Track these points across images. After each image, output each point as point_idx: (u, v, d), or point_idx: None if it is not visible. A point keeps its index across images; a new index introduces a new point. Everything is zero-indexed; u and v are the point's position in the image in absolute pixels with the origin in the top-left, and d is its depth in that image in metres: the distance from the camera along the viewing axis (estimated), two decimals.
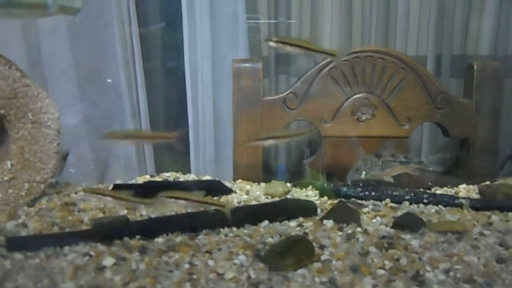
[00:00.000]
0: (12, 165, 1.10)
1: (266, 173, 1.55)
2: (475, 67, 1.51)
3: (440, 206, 1.23)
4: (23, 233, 1.00)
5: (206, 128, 1.74)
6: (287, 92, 1.50)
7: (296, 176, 1.57)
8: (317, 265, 0.90)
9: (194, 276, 0.84)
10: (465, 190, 1.43)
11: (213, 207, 0.97)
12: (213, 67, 1.72)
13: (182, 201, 0.93)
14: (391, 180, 1.31)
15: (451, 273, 0.87)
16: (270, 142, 1.12)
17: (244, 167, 1.50)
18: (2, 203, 1.09)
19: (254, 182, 1.48)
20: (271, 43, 0.99)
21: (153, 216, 1.12)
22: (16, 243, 0.91)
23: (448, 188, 1.45)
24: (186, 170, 1.63)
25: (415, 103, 1.50)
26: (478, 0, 1.74)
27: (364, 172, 1.30)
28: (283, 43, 0.99)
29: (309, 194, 1.38)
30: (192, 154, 1.73)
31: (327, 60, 1.48)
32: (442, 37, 1.79)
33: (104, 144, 0.96)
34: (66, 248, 0.93)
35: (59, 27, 1.52)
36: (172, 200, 0.92)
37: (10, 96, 1.08)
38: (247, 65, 1.51)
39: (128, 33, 1.61)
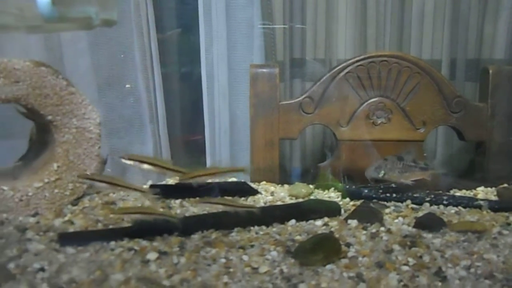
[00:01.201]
0: (58, 166, 1.19)
1: (282, 176, 1.59)
2: (490, 71, 1.54)
3: (459, 207, 1.28)
4: (71, 229, 1.08)
5: (222, 132, 1.80)
6: (303, 96, 1.55)
7: (312, 179, 1.60)
8: (344, 261, 0.96)
9: (231, 270, 0.91)
10: (483, 193, 1.47)
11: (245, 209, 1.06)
12: (229, 71, 1.77)
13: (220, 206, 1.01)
14: (410, 183, 1.33)
15: (472, 270, 0.92)
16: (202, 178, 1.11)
17: (261, 170, 1.55)
18: (49, 202, 1.18)
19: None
20: (124, 161, 1.00)
21: (187, 214, 1.20)
22: (67, 238, 1.00)
23: (467, 190, 1.49)
24: None
25: (430, 107, 1.54)
26: (493, 4, 1.76)
27: (383, 172, 1.33)
28: (138, 161, 1.02)
29: (332, 195, 1.44)
30: (208, 158, 1.78)
31: (343, 64, 1.53)
32: (456, 41, 1.81)
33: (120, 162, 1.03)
34: (112, 243, 1.01)
35: (80, 33, 1.58)
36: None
37: (57, 103, 1.17)
38: (264, 70, 1.55)
39: (146, 39, 1.68)
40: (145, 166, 1.02)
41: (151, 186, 1.32)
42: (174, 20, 1.87)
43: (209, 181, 1.51)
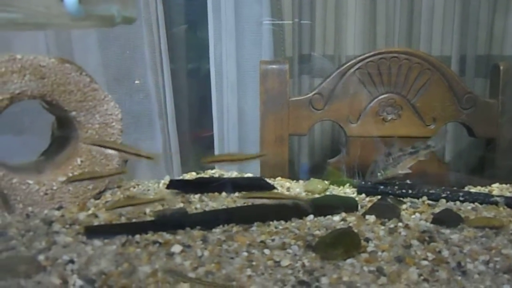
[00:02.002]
0: (81, 161, 1.22)
1: (291, 172, 1.60)
2: (501, 67, 1.54)
3: (476, 203, 1.29)
4: (95, 222, 1.11)
5: (231, 128, 1.81)
6: (313, 92, 1.55)
7: (321, 176, 1.59)
8: (364, 255, 0.98)
9: (254, 263, 0.94)
10: (498, 189, 1.48)
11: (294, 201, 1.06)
12: (238, 68, 1.78)
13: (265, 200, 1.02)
14: (408, 171, 1.33)
15: (491, 265, 0.94)
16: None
17: (271, 166, 1.56)
18: (73, 196, 1.21)
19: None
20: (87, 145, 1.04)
21: (207, 209, 1.22)
22: (93, 231, 1.03)
23: (481, 187, 1.50)
24: (211, 169, 1.69)
25: (440, 103, 1.54)
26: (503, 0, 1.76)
27: (379, 174, 1.34)
28: (101, 146, 1.04)
29: (347, 191, 1.45)
30: (216, 153, 1.79)
31: (353, 60, 1.53)
32: (466, 37, 1.81)
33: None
34: (137, 236, 1.04)
35: (89, 30, 1.61)
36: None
37: (80, 99, 1.19)
38: (274, 66, 1.56)
39: (156, 35, 1.70)
40: (109, 151, 1.03)
41: (171, 182, 1.35)
42: (183, 17, 1.88)
43: (226, 175, 1.56)
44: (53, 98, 1.17)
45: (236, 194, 1.34)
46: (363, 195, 1.38)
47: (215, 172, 1.63)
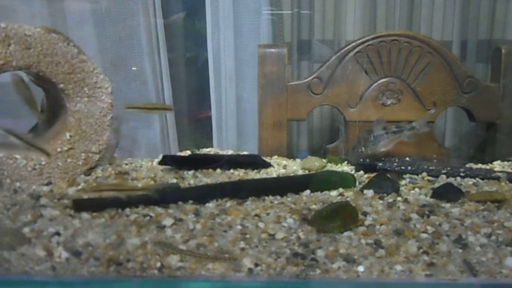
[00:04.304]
0: (70, 136, 1.18)
1: (289, 157, 1.56)
2: (503, 50, 1.51)
3: (477, 179, 1.26)
4: (85, 197, 1.07)
5: (229, 114, 1.78)
6: (312, 77, 1.52)
7: None
8: (361, 228, 0.95)
9: (247, 236, 0.90)
10: (500, 166, 1.44)
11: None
12: (236, 55, 1.75)
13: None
14: (386, 150, 1.33)
15: (493, 237, 0.91)
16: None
17: (269, 151, 1.53)
18: (62, 171, 1.17)
19: None
20: None
21: (200, 184, 1.19)
22: (82, 205, 0.99)
23: (483, 164, 1.47)
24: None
25: (441, 87, 1.50)
26: None
27: (360, 150, 1.34)
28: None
29: (345, 169, 1.42)
30: (214, 140, 1.76)
31: (352, 44, 1.50)
32: (467, 21, 1.77)
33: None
34: (127, 210, 1.00)
35: (86, 15, 1.58)
36: None
37: (68, 71, 1.15)
38: (272, 50, 1.53)
39: (153, 21, 1.67)
40: (12, 138, 1.00)
41: (163, 157, 1.31)
42: (180, 3, 1.84)
43: (222, 153, 1.52)
44: (40, 70, 1.12)
45: (231, 170, 1.32)
46: (361, 172, 1.35)
47: (210, 150, 1.59)
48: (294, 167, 1.43)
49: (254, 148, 1.61)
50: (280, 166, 1.44)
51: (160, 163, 1.30)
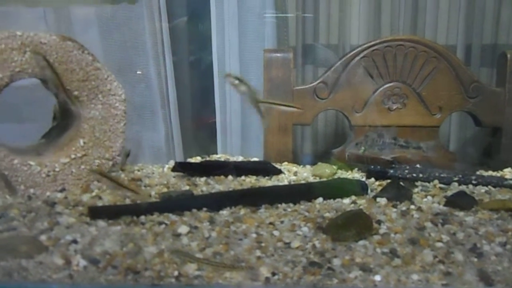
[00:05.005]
0: (84, 143, 1.18)
1: (295, 161, 1.56)
2: (508, 56, 1.51)
3: (489, 187, 1.26)
4: (100, 204, 1.08)
5: (233, 118, 1.78)
6: (318, 81, 1.52)
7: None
8: (376, 237, 0.95)
9: (263, 244, 0.91)
10: (511, 174, 1.45)
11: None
12: (240, 58, 1.75)
13: None
14: (389, 159, 1.35)
15: (508, 246, 0.91)
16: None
17: (274, 155, 1.53)
18: (75, 178, 1.18)
19: None
20: None
21: (213, 191, 1.19)
22: (97, 212, 1.00)
23: (493, 172, 1.47)
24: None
25: (447, 92, 1.50)
26: None
27: (363, 148, 1.34)
28: None
29: (356, 176, 1.42)
30: (219, 143, 1.77)
31: (358, 49, 1.50)
32: (472, 26, 1.77)
33: None
34: (142, 217, 1.01)
35: (91, 19, 1.58)
36: None
37: (83, 78, 1.16)
38: (278, 55, 1.53)
39: (158, 25, 1.67)
40: None
41: (176, 164, 1.32)
42: (185, 7, 1.85)
43: (232, 159, 1.53)
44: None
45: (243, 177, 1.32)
46: (372, 179, 1.35)
47: (220, 156, 1.60)
48: (305, 173, 1.43)
49: (259, 152, 1.61)
50: (291, 173, 1.44)
51: (173, 170, 1.30)
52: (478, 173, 1.41)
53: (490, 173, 1.44)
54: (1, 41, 1.07)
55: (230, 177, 1.31)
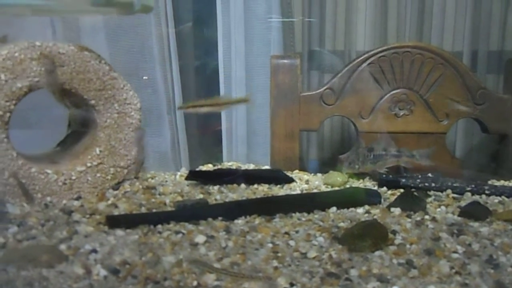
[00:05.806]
0: (100, 151, 1.20)
1: (301, 168, 1.57)
2: None
3: (502, 197, 1.26)
4: (115, 213, 1.09)
5: (239, 124, 1.79)
6: (325, 87, 1.53)
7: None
8: (392, 248, 0.95)
9: (279, 254, 0.91)
10: None
11: None
12: (246, 63, 1.75)
13: None
14: (383, 171, 1.36)
15: None
16: (203, 109, 1.18)
17: (281, 161, 1.53)
18: (91, 186, 1.19)
19: None
20: None
21: (227, 200, 1.20)
22: (115, 221, 1.01)
23: (505, 181, 1.47)
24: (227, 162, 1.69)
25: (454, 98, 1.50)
26: None
27: (357, 166, 1.36)
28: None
29: (367, 184, 1.42)
30: (224, 149, 1.78)
31: (365, 55, 1.51)
32: (478, 32, 1.77)
33: None
34: (159, 226, 1.02)
35: (98, 24, 1.59)
36: None
37: (99, 88, 1.17)
38: (285, 61, 1.54)
39: (164, 30, 1.68)
40: None
41: (190, 172, 1.33)
42: (192, 12, 1.86)
43: (243, 167, 1.53)
44: (72, 87, 1.15)
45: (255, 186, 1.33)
46: (385, 188, 1.35)
47: (232, 164, 1.61)
48: (316, 182, 1.44)
49: (265, 159, 1.61)
50: (302, 181, 1.45)
51: (187, 178, 1.31)
52: (490, 182, 1.41)
53: (502, 182, 1.44)
54: (20, 51, 1.08)
55: (243, 185, 1.32)
